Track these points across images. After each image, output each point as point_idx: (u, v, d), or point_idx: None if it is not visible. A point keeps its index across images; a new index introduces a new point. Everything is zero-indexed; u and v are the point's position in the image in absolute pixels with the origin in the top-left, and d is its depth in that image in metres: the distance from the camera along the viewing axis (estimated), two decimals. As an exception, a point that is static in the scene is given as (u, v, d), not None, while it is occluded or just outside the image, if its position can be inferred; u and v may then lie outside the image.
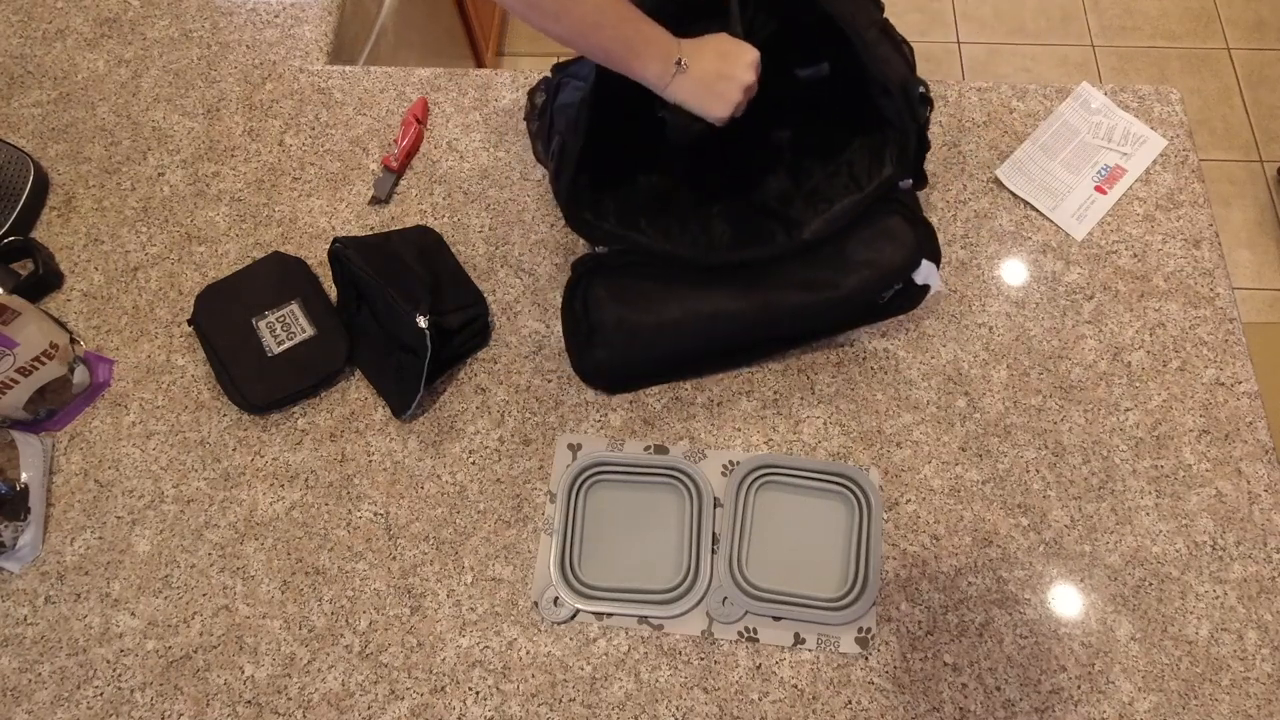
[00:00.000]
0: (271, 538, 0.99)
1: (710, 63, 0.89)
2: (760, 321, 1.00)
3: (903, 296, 1.01)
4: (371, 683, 0.93)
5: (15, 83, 1.28)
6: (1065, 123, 1.17)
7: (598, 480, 1.00)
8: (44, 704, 0.93)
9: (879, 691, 0.90)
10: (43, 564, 0.99)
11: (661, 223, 1.01)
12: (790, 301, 0.99)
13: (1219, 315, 1.06)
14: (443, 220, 1.15)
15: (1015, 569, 0.95)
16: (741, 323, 0.99)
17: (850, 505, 0.98)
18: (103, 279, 1.14)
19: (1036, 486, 0.98)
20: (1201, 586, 0.93)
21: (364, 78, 1.26)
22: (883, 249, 0.98)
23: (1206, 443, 1.00)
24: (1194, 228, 1.11)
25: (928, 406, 1.03)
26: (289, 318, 1.06)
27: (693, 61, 0.89)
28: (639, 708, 0.90)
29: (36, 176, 1.17)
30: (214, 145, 1.22)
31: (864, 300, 1.00)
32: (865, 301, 1.01)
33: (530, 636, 0.94)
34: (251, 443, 1.04)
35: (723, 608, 0.93)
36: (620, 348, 1.01)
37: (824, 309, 1.00)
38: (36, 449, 1.02)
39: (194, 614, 0.96)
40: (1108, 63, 2.53)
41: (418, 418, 1.04)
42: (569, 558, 0.97)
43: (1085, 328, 1.06)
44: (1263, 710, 0.89)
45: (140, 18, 1.33)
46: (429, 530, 0.99)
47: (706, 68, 0.89)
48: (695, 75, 0.89)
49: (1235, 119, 2.45)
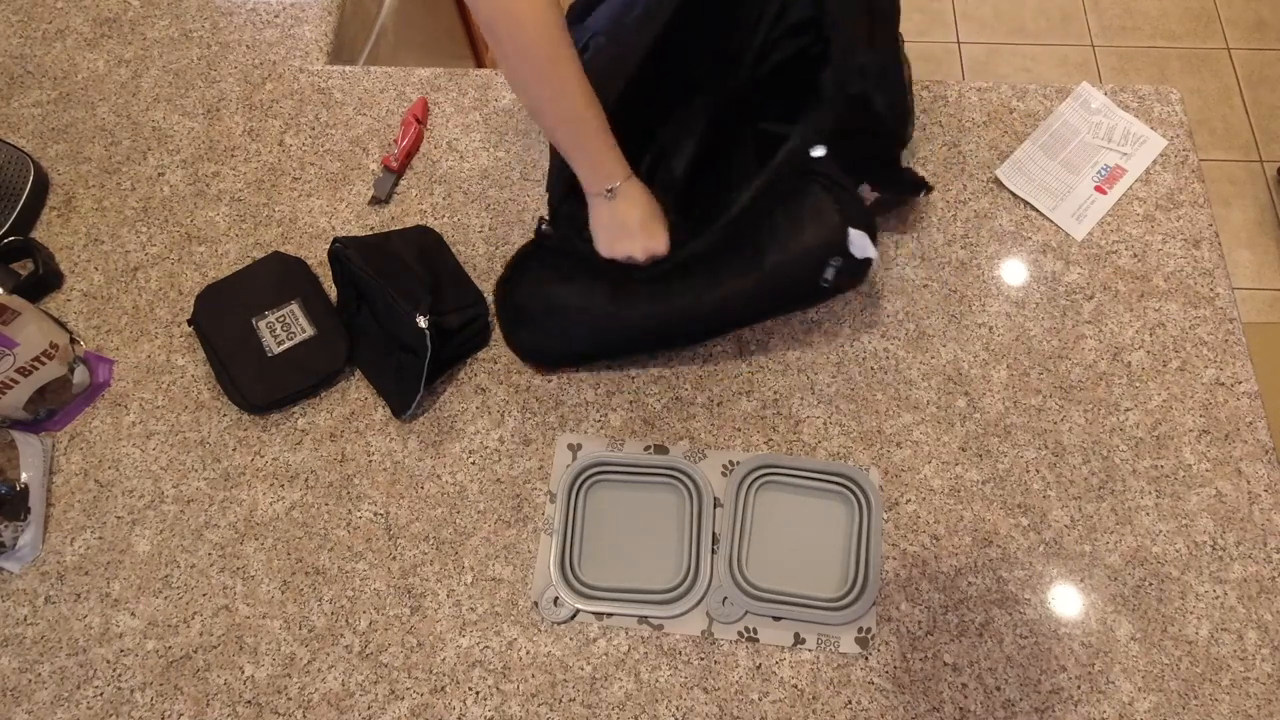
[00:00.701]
0: (271, 538, 0.99)
1: (631, 215, 0.94)
2: (684, 316, 1.01)
3: (844, 274, 0.98)
4: (371, 683, 0.93)
5: (15, 83, 1.28)
6: (1065, 123, 1.17)
7: (598, 480, 1.00)
8: (44, 704, 0.93)
9: (879, 691, 0.90)
10: (43, 564, 0.99)
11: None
12: (714, 295, 0.99)
13: (1219, 315, 1.06)
14: (443, 220, 1.15)
15: (1015, 569, 0.95)
16: (667, 317, 1.01)
17: (850, 505, 0.98)
18: (103, 279, 1.14)
19: (1036, 486, 0.98)
20: (1201, 586, 0.93)
21: (364, 78, 1.26)
22: (800, 221, 0.97)
23: (1206, 443, 1.00)
24: (1194, 228, 1.11)
25: (928, 406, 1.03)
26: (289, 318, 1.06)
27: (620, 200, 0.93)
28: (639, 708, 0.90)
29: (36, 176, 1.17)
30: (214, 145, 1.22)
31: (798, 279, 0.98)
32: (803, 281, 0.98)
33: (530, 636, 0.94)
34: (251, 443, 1.04)
35: (723, 608, 0.93)
36: (543, 331, 1.04)
37: (750, 294, 0.99)
38: (36, 449, 1.02)
39: (194, 614, 0.96)
40: (1108, 63, 2.53)
41: (418, 418, 1.04)
42: (569, 558, 0.97)
43: (1085, 328, 1.06)
44: (1263, 710, 0.89)
45: (140, 18, 1.33)
46: (429, 530, 0.99)
47: (626, 216, 0.93)
48: (613, 211, 0.93)
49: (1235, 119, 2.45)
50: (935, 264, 1.10)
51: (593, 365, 1.06)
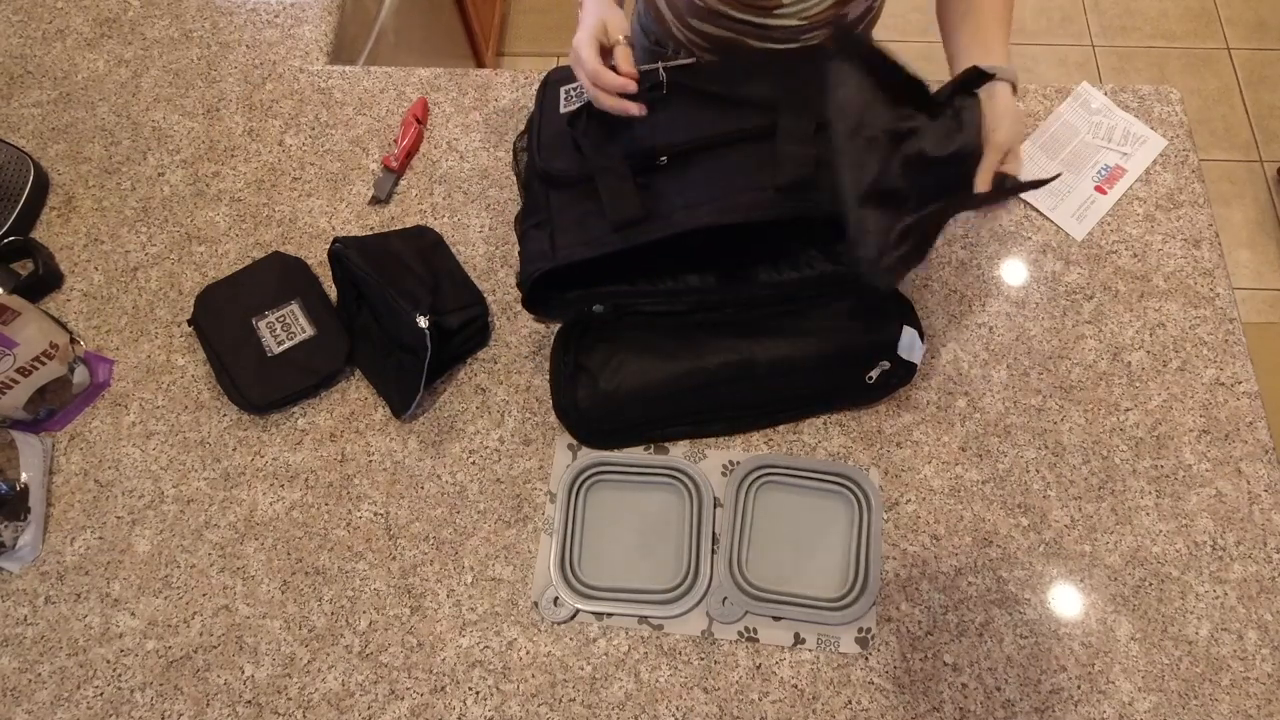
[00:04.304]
0: (271, 538, 0.99)
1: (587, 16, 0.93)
2: (742, 374, 1.00)
3: (890, 375, 1.00)
4: (371, 683, 0.93)
5: (15, 83, 1.28)
6: (1065, 123, 1.17)
7: (598, 480, 1.00)
8: (44, 704, 0.93)
9: (879, 691, 0.90)
10: (43, 564, 0.99)
11: (628, 279, 1.03)
12: (772, 354, 1.00)
13: (1219, 315, 1.06)
14: (443, 220, 1.15)
15: (1015, 569, 0.95)
16: (724, 375, 1.00)
17: (850, 505, 0.98)
18: (103, 279, 1.14)
19: (1036, 486, 0.98)
20: (1201, 586, 0.93)
21: (364, 78, 1.26)
22: (864, 311, 1.01)
23: (1206, 443, 1.00)
24: (1194, 228, 1.11)
25: (928, 406, 1.03)
26: (289, 318, 1.06)
27: (584, 12, 0.93)
28: (639, 708, 0.90)
29: (36, 176, 1.17)
30: (214, 145, 1.22)
31: (848, 366, 1.00)
32: (850, 373, 1.00)
33: (530, 636, 0.94)
34: (251, 443, 1.04)
35: (723, 608, 0.93)
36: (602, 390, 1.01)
37: (808, 365, 1.00)
38: (36, 449, 1.02)
39: (194, 614, 0.96)
40: (1108, 63, 2.53)
41: (418, 418, 1.04)
42: (569, 558, 0.97)
43: (1085, 328, 1.06)
44: (1263, 710, 0.89)
45: (140, 18, 1.33)
46: (429, 530, 0.99)
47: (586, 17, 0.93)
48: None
49: (1235, 119, 2.45)
50: (935, 264, 1.10)
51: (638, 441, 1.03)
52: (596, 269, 0.98)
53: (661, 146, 0.96)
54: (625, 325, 1.03)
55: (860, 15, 1.13)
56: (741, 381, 1.00)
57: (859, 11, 1.12)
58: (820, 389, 1.01)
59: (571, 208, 0.97)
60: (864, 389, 1.00)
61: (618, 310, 1.03)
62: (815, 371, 1.01)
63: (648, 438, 1.02)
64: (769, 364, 1.00)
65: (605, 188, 0.94)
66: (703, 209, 0.92)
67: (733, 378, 1.00)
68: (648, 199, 0.94)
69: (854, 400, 1.02)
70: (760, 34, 1.10)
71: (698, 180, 0.94)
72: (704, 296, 1.02)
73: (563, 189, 0.99)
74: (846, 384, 1.00)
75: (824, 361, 1.01)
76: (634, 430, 1.01)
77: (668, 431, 1.01)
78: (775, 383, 1.01)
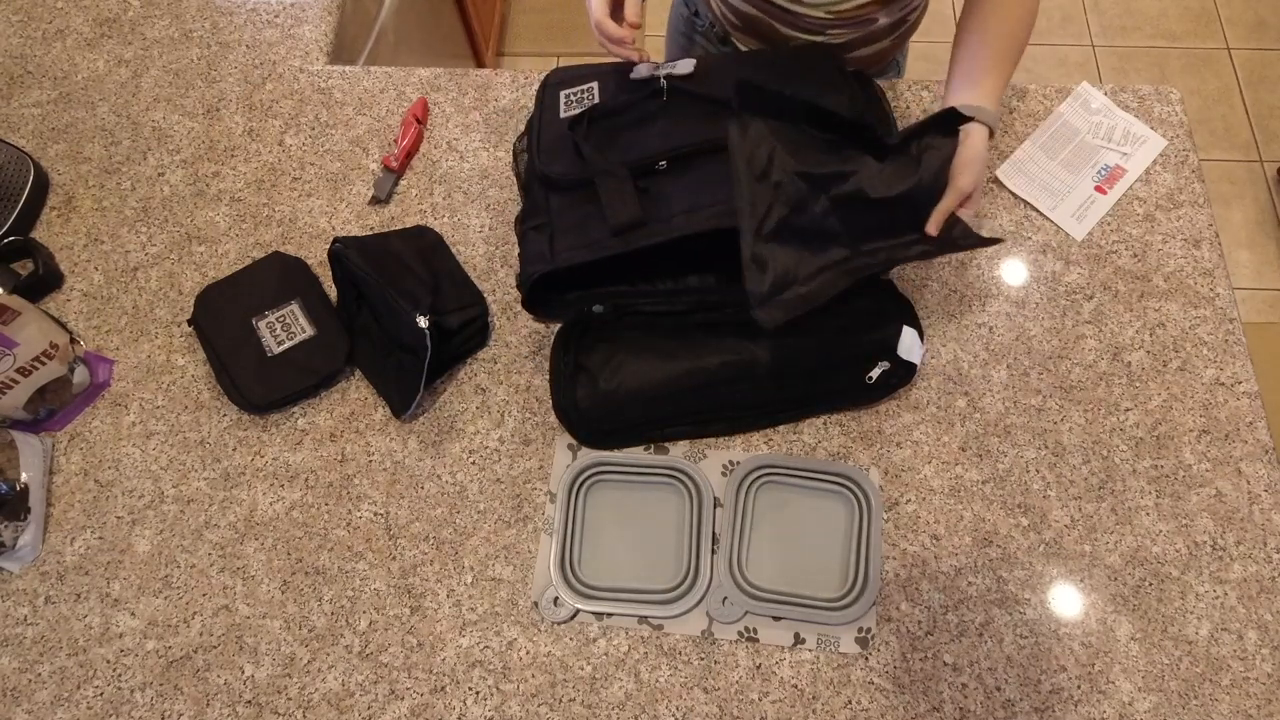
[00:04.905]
0: (271, 538, 0.99)
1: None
2: (742, 374, 1.00)
3: (890, 375, 1.00)
4: (371, 683, 0.93)
5: (15, 83, 1.28)
6: (1065, 123, 1.17)
7: (598, 480, 1.00)
8: (44, 704, 0.93)
9: (879, 691, 0.90)
10: (43, 564, 0.99)
11: (628, 280, 1.04)
12: (772, 354, 1.00)
13: (1219, 315, 1.06)
14: (443, 220, 1.15)
15: (1015, 569, 0.95)
16: (724, 375, 1.00)
17: (850, 505, 0.98)
18: (103, 279, 1.14)
19: (1036, 486, 0.98)
20: (1201, 586, 0.93)
21: (364, 78, 1.26)
22: (864, 311, 1.02)
23: (1206, 443, 1.00)
24: (1194, 228, 1.11)
25: (928, 406, 1.03)
26: (289, 318, 1.06)
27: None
28: (639, 708, 0.90)
29: (36, 176, 1.17)
30: (214, 145, 1.22)
31: (848, 366, 1.00)
32: (850, 373, 1.00)
33: (530, 636, 0.94)
34: (251, 443, 1.04)
35: (723, 608, 0.93)
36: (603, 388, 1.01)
37: (808, 365, 1.00)
38: (36, 449, 1.02)
39: (194, 614, 0.96)
40: (1108, 63, 2.53)
41: (418, 418, 1.04)
42: (569, 558, 0.97)
43: (1085, 328, 1.06)
44: (1263, 710, 0.89)
45: (140, 18, 1.33)
46: (429, 530, 0.99)
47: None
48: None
49: (1235, 119, 2.45)
50: (935, 264, 1.10)
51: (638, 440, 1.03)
52: (596, 270, 0.98)
53: (661, 151, 0.97)
54: (625, 325, 1.03)
55: (893, 23, 1.13)
56: (741, 381, 1.00)
57: (892, 19, 1.11)
58: (820, 389, 1.01)
59: (571, 210, 0.98)
60: (864, 389, 1.00)
61: (617, 310, 1.03)
62: (815, 371, 1.01)
63: (648, 438, 1.02)
64: (769, 364, 1.00)
65: (605, 191, 0.95)
66: (702, 213, 0.94)
67: (733, 378, 1.00)
68: (647, 203, 0.95)
69: (854, 400, 1.02)
70: (787, 19, 1.10)
71: (697, 184, 0.95)
72: (704, 296, 1.03)
73: (563, 192, 1.00)
74: (846, 384, 1.01)
75: (824, 362, 1.01)
76: (634, 430, 1.01)
77: (668, 431, 1.01)
78: (775, 383, 1.01)
